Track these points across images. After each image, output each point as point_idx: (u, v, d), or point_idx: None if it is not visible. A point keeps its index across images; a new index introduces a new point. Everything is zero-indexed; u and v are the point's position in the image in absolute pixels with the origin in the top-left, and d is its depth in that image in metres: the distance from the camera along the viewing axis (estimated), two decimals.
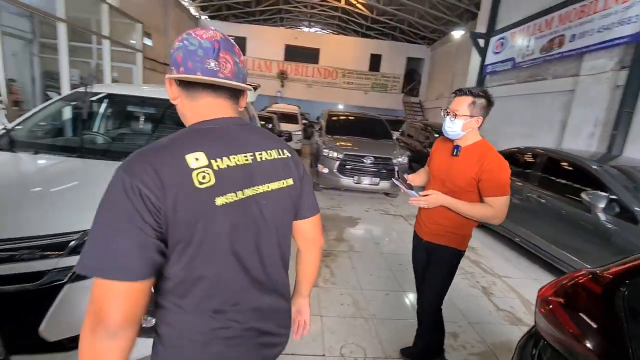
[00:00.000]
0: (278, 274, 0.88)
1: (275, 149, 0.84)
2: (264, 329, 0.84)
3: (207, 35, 0.73)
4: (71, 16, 4.91)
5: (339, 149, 5.89)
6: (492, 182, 1.54)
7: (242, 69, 0.78)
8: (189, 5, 15.29)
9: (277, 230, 0.83)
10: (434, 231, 1.74)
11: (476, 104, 1.56)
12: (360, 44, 18.44)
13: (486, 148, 1.61)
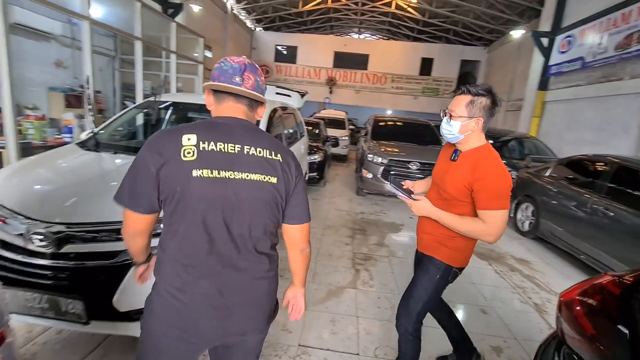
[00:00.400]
0: (249, 258, 0.98)
1: (268, 149, 0.96)
2: (221, 303, 0.96)
3: (237, 60, 0.97)
4: (145, 35, 5.58)
5: (384, 154, 5.86)
6: (484, 192, 1.35)
7: (261, 85, 1.00)
8: (245, 18, 16.31)
9: (250, 216, 0.95)
10: (424, 241, 1.60)
11: (475, 104, 1.38)
12: (411, 48, 18.07)
13: (485, 154, 1.42)
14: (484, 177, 1.35)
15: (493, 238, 1.38)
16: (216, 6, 12.62)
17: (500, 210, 1.35)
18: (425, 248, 1.60)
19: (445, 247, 1.51)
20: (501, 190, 1.35)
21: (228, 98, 0.97)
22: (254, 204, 0.95)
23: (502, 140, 7.10)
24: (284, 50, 18.61)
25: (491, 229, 1.36)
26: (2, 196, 1.72)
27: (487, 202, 1.35)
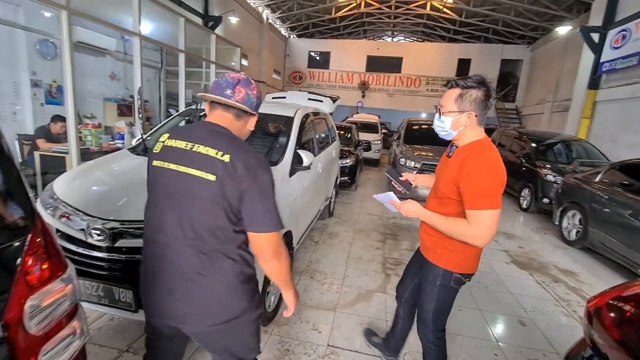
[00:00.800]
0: (186, 253, 1.03)
1: (218, 149, 0.99)
2: (170, 285, 1.05)
3: (233, 75, 1.08)
4: (188, 47, 5.97)
5: (417, 158, 5.76)
6: (470, 189, 1.24)
7: (252, 98, 1.09)
8: (280, 27, 16.81)
9: (191, 209, 1.01)
10: (425, 243, 1.53)
11: (464, 97, 1.30)
12: (447, 49, 17.57)
13: (476, 148, 1.30)
14: (470, 172, 1.25)
15: (480, 241, 1.27)
16: (252, 17, 13.15)
17: (488, 210, 1.22)
18: (424, 251, 1.55)
19: (443, 250, 1.44)
20: (488, 188, 1.22)
21: (218, 107, 1.08)
22: (193, 198, 1.00)
23: (546, 143, 6.69)
24: (316, 56, 18.89)
25: (477, 230, 1.24)
26: (66, 195, 1.95)
27: (473, 201, 1.25)
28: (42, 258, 0.63)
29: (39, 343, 0.61)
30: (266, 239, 1.02)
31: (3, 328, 0.55)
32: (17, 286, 0.57)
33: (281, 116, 3.12)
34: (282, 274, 1.10)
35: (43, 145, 4.12)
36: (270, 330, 2.27)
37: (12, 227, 0.61)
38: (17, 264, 0.59)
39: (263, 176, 1.00)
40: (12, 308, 0.56)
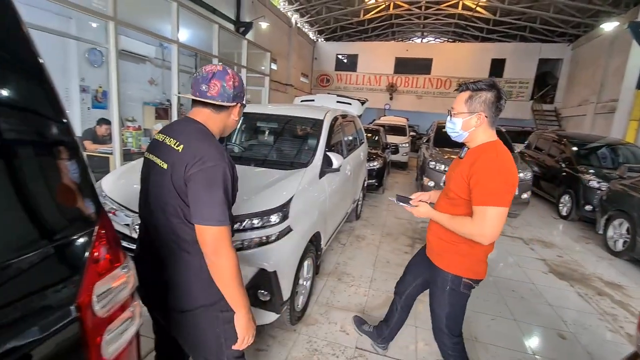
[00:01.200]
0: (160, 237, 1.09)
1: (178, 141, 1.05)
2: (150, 271, 1.11)
3: (208, 69, 1.08)
4: (221, 52, 6.20)
5: (448, 161, 5.60)
6: (478, 186, 1.26)
7: (228, 90, 1.08)
8: (308, 30, 17.02)
9: (159, 196, 1.07)
10: (434, 248, 1.54)
11: (474, 99, 1.34)
12: (480, 49, 17.00)
13: (488, 149, 1.33)
14: (480, 170, 1.27)
15: (485, 239, 1.28)
16: (282, 21, 13.42)
17: (493, 207, 1.24)
18: (433, 256, 1.56)
19: (452, 255, 1.45)
20: (496, 186, 1.24)
21: (196, 103, 1.12)
22: (158, 186, 1.08)
23: (590, 147, 6.29)
24: (344, 59, 18.93)
25: (482, 227, 1.25)
26: (113, 192, 2.09)
27: (479, 198, 1.26)
28: (106, 248, 0.70)
29: (104, 324, 0.67)
30: (205, 232, 0.98)
31: (76, 309, 0.61)
32: (88, 272, 0.64)
33: (311, 119, 3.17)
34: (222, 277, 1.00)
35: (90, 147, 4.43)
36: (299, 330, 2.31)
37: (84, 219, 0.68)
38: (87, 252, 0.65)
39: (211, 166, 0.98)
40: (84, 291, 0.63)
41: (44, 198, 0.64)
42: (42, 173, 0.64)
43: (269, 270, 1.85)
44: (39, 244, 0.60)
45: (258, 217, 1.92)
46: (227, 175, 1.00)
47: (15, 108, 0.63)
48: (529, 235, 4.85)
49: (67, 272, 0.62)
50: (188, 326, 1.12)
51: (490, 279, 3.34)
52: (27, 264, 0.56)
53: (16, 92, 0.63)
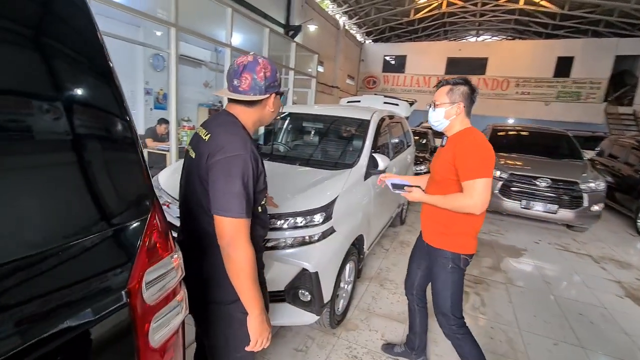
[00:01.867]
0: (195, 228, 1.09)
1: (207, 131, 1.07)
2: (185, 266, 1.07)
3: (239, 61, 1.05)
4: (271, 54, 6.38)
5: (503, 167, 5.18)
6: (464, 163, 1.44)
7: (260, 82, 1.04)
8: (356, 32, 16.94)
9: (189, 186, 1.09)
10: (431, 230, 1.67)
11: (454, 91, 1.54)
12: (543, 46, 15.58)
13: (467, 132, 1.54)
14: (463, 149, 1.47)
15: (477, 208, 1.42)
16: (330, 24, 13.51)
17: (480, 179, 1.40)
18: (429, 238, 1.67)
19: (448, 234, 1.59)
20: (480, 160, 1.43)
21: (229, 100, 1.12)
22: (188, 175, 1.11)
23: None
24: (392, 60, 18.52)
25: (473, 198, 1.41)
26: (168, 186, 2.21)
27: (467, 173, 1.43)
28: (157, 236, 0.71)
29: (152, 311, 0.69)
30: (222, 223, 0.96)
31: (126, 294, 0.63)
32: (139, 259, 0.66)
33: (357, 119, 3.11)
34: (236, 272, 0.97)
35: (150, 144, 4.80)
36: (339, 334, 2.25)
37: (139, 207, 0.70)
38: (139, 239, 0.67)
39: (231, 156, 0.96)
40: (135, 277, 0.64)
41: (104, 185, 0.67)
42: (105, 163, 0.68)
43: (310, 271, 1.82)
44: (97, 227, 0.63)
45: (301, 216, 1.90)
46: (247, 167, 0.97)
47: (88, 106, 0.68)
48: (600, 252, 4.30)
49: (119, 257, 0.65)
50: (204, 321, 1.12)
51: (552, 297, 3.01)
52: (84, 247, 0.59)
53: (89, 92, 0.68)
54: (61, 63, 0.64)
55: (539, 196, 4.83)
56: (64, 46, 0.64)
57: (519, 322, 2.55)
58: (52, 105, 0.59)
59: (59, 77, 0.62)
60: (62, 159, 0.62)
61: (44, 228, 0.57)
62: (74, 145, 0.62)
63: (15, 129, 0.54)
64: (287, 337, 2.18)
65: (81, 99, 0.67)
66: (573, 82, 14.91)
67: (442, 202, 1.53)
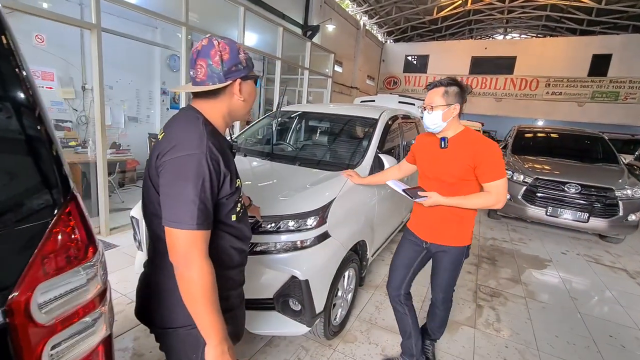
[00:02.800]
0: (156, 236, 0.97)
1: (163, 130, 0.96)
2: (142, 284, 1.06)
3: (193, 47, 0.92)
4: (285, 54, 6.32)
5: (528, 171, 4.84)
6: (489, 165, 1.51)
7: (216, 68, 0.90)
8: (376, 32, 16.67)
9: (145, 193, 0.96)
10: (443, 230, 1.69)
11: (449, 93, 1.55)
12: (577, 44, 14.65)
13: (474, 134, 1.60)
14: (483, 153, 1.52)
15: (501, 205, 1.55)
16: (349, 24, 13.33)
17: (503, 179, 1.52)
18: (440, 239, 1.71)
19: (458, 231, 1.67)
20: (501, 162, 1.53)
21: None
22: (144, 181, 0.97)
23: None
24: (413, 60, 18.06)
25: (498, 196, 1.53)
26: None
27: (492, 174, 1.52)
28: (66, 242, 0.61)
29: (50, 332, 0.58)
30: (172, 236, 0.83)
31: (4, 314, 0.52)
32: (31, 270, 0.55)
33: (364, 118, 2.95)
34: (190, 294, 0.83)
35: None
36: (335, 346, 2.11)
37: (38, 208, 0.60)
38: (34, 246, 0.57)
39: (182, 156, 0.82)
40: (21, 293, 0.54)
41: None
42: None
43: (300, 279, 1.69)
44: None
45: (293, 219, 1.78)
46: (202, 168, 0.83)
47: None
48: (636, 266, 3.89)
49: (0, 267, 0.54)
50: (166, 346, 0.99)
51: (578, 315, 2.71)
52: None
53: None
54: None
55: (568, 203, 4.45)
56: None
57: (538, 343, 2.30)
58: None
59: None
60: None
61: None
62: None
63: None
64: (280, 347, 2.06)
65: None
66: (610, 82, 13.92)
67: (468, 203, 1.58)
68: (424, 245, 1.77)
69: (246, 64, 0.97)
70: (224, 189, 0.92)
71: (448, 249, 1.70)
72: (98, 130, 3.24)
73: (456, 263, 1.74)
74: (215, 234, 0.92)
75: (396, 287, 1.88)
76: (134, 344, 1.98)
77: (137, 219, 2.23)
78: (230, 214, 0.97)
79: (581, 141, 5.79)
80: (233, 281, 1.07)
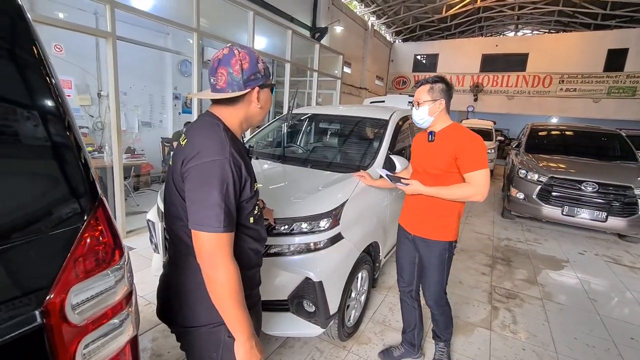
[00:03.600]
0: (172, 243, 1.03)
1: (185, 136, 1.00)
2: (163, 284, 1.11)
3: (215, 56, 0.95)
4: (295, 57, 6.36)
5: (543, 170, 4.75)
6: (470, 156, 1.55)
7: (236, 77, 0.94)
8: (385, 32, 16.60)
9: (167, 197, 1.00)
10: (425, 224, 1.73)
11: (434, 89, 1.63)
12: (592, 39, 14.31)
13: (458, 128, 1.65)
14: (464, 144, 1.57)
15: (481, 197, 1.57)
16: (357, 25, 13.33)
17: (483, 170, 1.55)
18: (423, 231, 1.74)
19: (441, 226, 1.69)
20: (480, 153, 1.56)
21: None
22: (167, 185, 1.01)
23: None
24: (422, 60, 17.92)
25: (478, 188, 1.55)
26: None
27: (471, 165, 1.56)
28: (95, 246, 0.64)
29: (82, 333, 0.61)
30: (199, 239, 0.86)
31: (42, 315, 0.55)
32: (65, 273, 0.58)
33: (375, 119, 2.95)
34: (218, 294, 0.87)
35: None
36: (349, 347, 2.11)
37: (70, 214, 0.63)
38: (67, 250, 0.60)
39: (208, 162, 0.86)
40: (56, 295, 0.57)
41: (14, 190, 0.58)
42: (16, 164, 0.60)
43: (314, 280, 1.70)
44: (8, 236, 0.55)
45: (306, 221, 1.79)
46: (226, 173, 0.87)
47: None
48: None
49: (35, 271, 0.57)
50: (188, 346, 1.02)
51: (598, 317, 2.65)
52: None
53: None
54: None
55: (585, 202, 4.35)
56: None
57: (556, 345, 2.26)
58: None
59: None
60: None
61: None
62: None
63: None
64: (294, 348, 2.07)
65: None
66: (627, 76, 13.54)
67: (446, 193, 1.62)
68: (410, 238, 1.83)
69: (264, 72, 1.00)
70: (245, 193, 0.95)
71: (431, 244, 1.73)
72: (114, 135, 3.32)
73: (441, 259, 1.74)
74: (235, 236, 0.95)
75: (408, 282, 1.94)
76: (153, 344, 2.02)
77: (153, 222, 2.28)
78: (249, 216, 1.00)
79: (597, 138, 5.66)
80: (251, 281, 1.10)
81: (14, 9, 0.63)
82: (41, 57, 0.66)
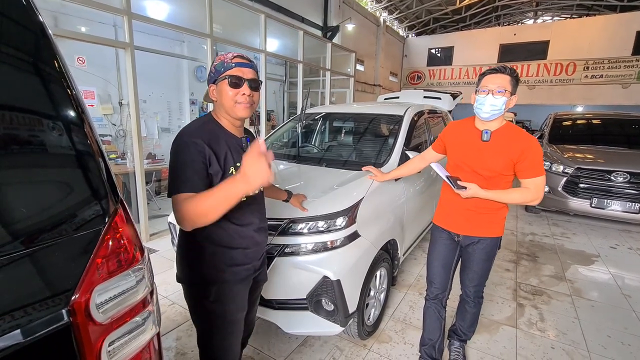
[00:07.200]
0: None
1: None
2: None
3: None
4: (307, 57, 6.38)
5: (568, 161, 4.56)
6: (531, 162, 1.51)
7: (210, 73, 1.18)
8: (397, 27, 16.38)
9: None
10: (479, 222, 1.67)
11: (513, 83, 1.52)
12: (619, 21, 13.58)
13: (516, 129, 1.58)
14: (527, 149, 1.50)
15: (539, 201, 1.56)
16: (369, 21, 13.22)
17: (543, 176, 1.53)
18: (475, 230, 1.69)
19: (494, 223, 1.67)
20: (541, 159, 1.53)
21: None
22: None
23: None
24: (437, 53, 17.55)
25: (537, 193, 1.54)
26: None
27: (533, 171, 1.52)
28: (117, 247, 0.66)
29: (107, 330, 0.63)
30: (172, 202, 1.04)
31: (68, 313, 0.58)
32: (89, 273, 0.61)
33: (389, 115, 2.92)
34: (205, 213, 0.95)
35: None
36: (370, 346, 2.10)
37: (93, 216, 0.65)
38: (91, 251, 0.62)
39: (177, 136, 1.13)
40: (81, 294, 0.59)
41: (41, 193, 0.61)
42: (42, 168, 0.63)
43: (332, 279, 1.70)
44: (28, 240, 0.57)
45: (322, 220, 1.80)
46: (188, 148, 1.06)
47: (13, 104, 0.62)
48: None
49: (62, 271, 0.60)
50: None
51: (633, 314, 2.52)
52: (18, 259, 0.54)
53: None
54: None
55: (616, 193, 4.15)
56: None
57: (588, 344, 2.16)
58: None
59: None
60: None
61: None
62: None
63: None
64: (315, 347, 2.08)
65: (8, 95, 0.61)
66: None
67: (507, 198, 1.58)
68: (456, 239, 1.76)
69: (214, 71, 1.16)
70: (213, 166, 1.12)
71: (482, 240, 1.69)
72: (135, 142, 3.44)
73: (490, 254, 1.73)
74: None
75: (441, 287, 1.83)
76: (177, 343, 2.08)
77: (174, 225, 2.34)
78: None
79: (627, 126, 5.37)
80: (232, 260, 1.21)
81: (37, 26, 0.66)
82: (62, 70, 0.69)
